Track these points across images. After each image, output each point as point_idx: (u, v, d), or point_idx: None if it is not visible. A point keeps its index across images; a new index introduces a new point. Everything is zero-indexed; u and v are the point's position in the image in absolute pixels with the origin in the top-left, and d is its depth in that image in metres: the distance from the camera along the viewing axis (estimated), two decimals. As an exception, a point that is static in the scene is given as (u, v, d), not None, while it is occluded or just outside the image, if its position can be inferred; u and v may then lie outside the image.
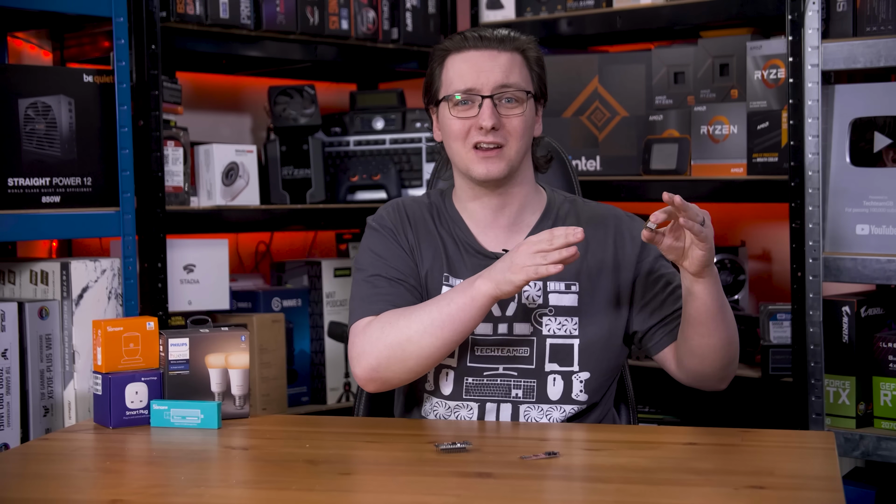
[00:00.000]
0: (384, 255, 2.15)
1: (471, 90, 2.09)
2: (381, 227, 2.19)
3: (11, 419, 2.45)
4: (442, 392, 2.13)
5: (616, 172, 3.24)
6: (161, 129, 2.79)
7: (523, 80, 2.12)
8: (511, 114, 2.10)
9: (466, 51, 2.12)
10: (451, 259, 2.16)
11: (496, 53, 2.11)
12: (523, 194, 2.17)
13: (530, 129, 2.14)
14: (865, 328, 2.71)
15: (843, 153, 2.73)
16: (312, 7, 3.15)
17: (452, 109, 2.11)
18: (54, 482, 1.77)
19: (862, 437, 2.67)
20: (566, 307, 2.12)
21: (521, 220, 2.17)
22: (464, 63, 2.12)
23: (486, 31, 2.13)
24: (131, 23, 2.71)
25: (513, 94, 2.10)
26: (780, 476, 1.71)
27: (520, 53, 2.13)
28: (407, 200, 2.24)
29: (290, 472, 1.78)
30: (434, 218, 2.19)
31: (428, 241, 2.17)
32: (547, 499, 1.66)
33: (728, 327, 2.05)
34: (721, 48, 3.07)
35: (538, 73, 2.16)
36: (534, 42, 2.17)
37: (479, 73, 2.10)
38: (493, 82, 2.09)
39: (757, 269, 3.37)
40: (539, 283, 2.12)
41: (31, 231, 2.57)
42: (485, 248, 2.16)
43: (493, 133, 2.08)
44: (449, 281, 2.15)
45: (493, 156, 2.09)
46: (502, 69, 2.10)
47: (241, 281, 3.32)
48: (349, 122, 3.34)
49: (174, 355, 2.13)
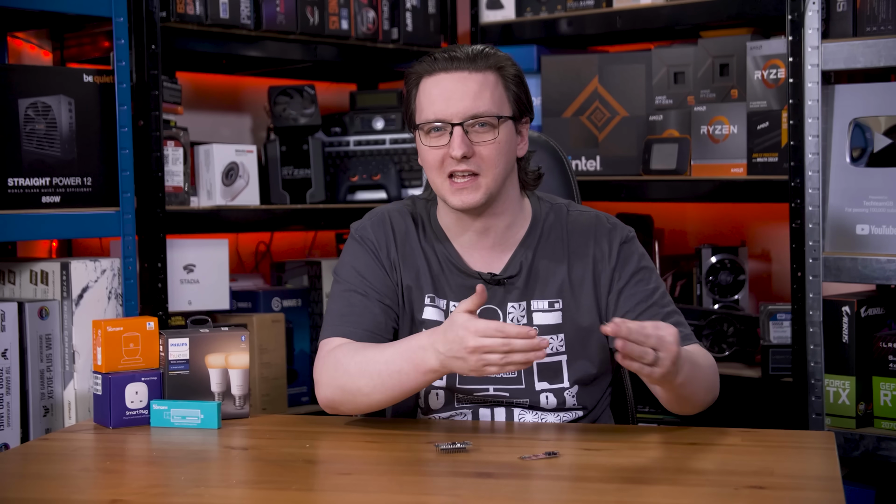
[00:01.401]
0: (362, 272, 2.11)
1: (441, 119, 2.01)
2: (363, 241, 2.14)
3: (11, 419, 2.45)
4: (432, 408, 2.13)
5: (616, 172, 3.24)
6: (161, 129, 2.79)
7: (496, 102, 2.03)
8: (483, 140, 2.01)
9: (437, 74, 2.03)
10: (436, 278, 2.12)
11: (466, 75, 2.02)
12: (507, 215, 2.10)
13: (508, 152, 2.05)
14: (865, 328, 2.71)
15: (843, 153, 2.73)
16: (312, 7, 3.15)
17: (425, 138, 2.04)
18: (54, 482, 1.77)
19: (862, 437, 2.67)
20: (551, 325, 2.09)
21: (506, 240, 2.11)
22: (434, 88, 2.03)
23: (457, 51, 2.04)
24: (131, 23, 2.71)
25: (485, 120, 2.01)
26: (780, 476, 1.71)
27: (494, 72, 2.04)
28: (393, 213, 2.17)
29: (290, 472, 1.78)
30: (419, 233, 2.14)
31: (412, 259, 2.12)
32: (547, 499, 1.66)
33: (694, 398, 1.99)
34: (721, 48, 3.07)
35: (515, 92, 2.06)
36: (510, 59, 2.08)
37: (448, 101, 2.01)
38: (464, 110, 2.00)
39: (757, 269, 3.37)
40: (523, 304, 2.09)
41: (31, 231, 2.56)
42: (470, 267, 2.11)
43: (466, 161, 2.01)
44: (435, 302, 2.10)
45: (468, 185, 2.02)
46: (472, 95, 2.01)
47: (241, 281, 3.32)
48: (349, 122, 3.34)
49: (174, 355, 2.13)
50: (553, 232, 2.13)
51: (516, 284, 2.10)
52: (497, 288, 2.10)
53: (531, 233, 2.13)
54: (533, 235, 2.12)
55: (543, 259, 2.11)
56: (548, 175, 2.38)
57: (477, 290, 1.87)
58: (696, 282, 3.26)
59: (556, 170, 2.42)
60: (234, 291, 3.12)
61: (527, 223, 2.14)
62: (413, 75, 2.07)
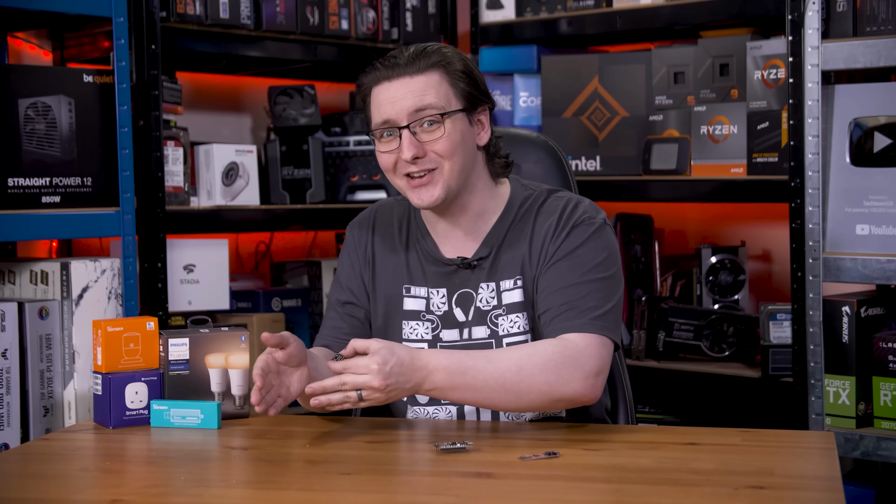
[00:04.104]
0: (340, 276, 2.23)
1: (388, 122, 2.05)
2: (348, 239, 2.24)
3: (11, 419, 2.45)
4: (418, 401, 2.14)
5: (616, 172, 3.24)
6: (161, 129, 2.79)
7: (442, 97, 2.04)
8: (433, 138, 2.04)
9: (381, 83, 2.07)
10: (412, 269, 2.17)
11: (408, 80, 2.04)
12: (477, 202, 2.12)
13: (463, 143, 2.06)
14: (865, 328, 2.71)
15: (843, 153, 2.73)
16: (312, 7, 3.15)
17: (378, 144, 2.08)
18: (54, 482, 1.77)
19: (862, 437, 2.67)
20: (516, 303, 2.11)
21: (478, 227, 2.14)
22: (380, 95, 2.06)
23: (399, 56, 2.07)
24: (131, 23, 2.71)
25: (430, 116, 2.04)
26: (780, 476, 1.71)
27: (437, 70, 2.05)
28: (385, 206, 2.24)
29: (290, 472, 1.78)
30: (404, 225, 2.20)
31: (390, 251, 2.19)
32: (547, 499, 1.66)
33: (504, 398, 1.97)
34: (721, 48, 3.07)
35: (463, 86, 2.07)
36: (453, 53, 2.09)
37: (392, 104, 2.04)
38: (407, 110, 2.03)
39: (757, 269, 3.37)
40: (492, 284, 2.12)
41: (31, 231, 2.57)
42: (443, 255, 2.15)
43: (419, 161, 2.05)
44: (410, 291, 2.15)
45: (425, 183, 2.05)
46: (414, 95, 2.03)
47: (241, 281, 3.31)
48: (349, 122, 3.34)
49: (174, 355, 2.13)
50: (526, 216, 2.14)
51: (485, 267, 2.13)
52: (469, 272, 2.13)
53: (504, 217, 2.14)
54: (505, 220, 2.14)
55: (511, 241, 2.13)
56: (548, 175, 2.38)
57: (263, 338, 1.95)
58: (696, 282, 3.26)
59: (555, 170, 2.42)
60: (234, 291, 3.12)
61: (501, 208, 2.15)
62: (363, 87, 2.12)
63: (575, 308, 2.01)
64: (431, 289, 2.14)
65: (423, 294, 2.15)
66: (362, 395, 1.87)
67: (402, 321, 2.15)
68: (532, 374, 1.95)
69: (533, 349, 1.99)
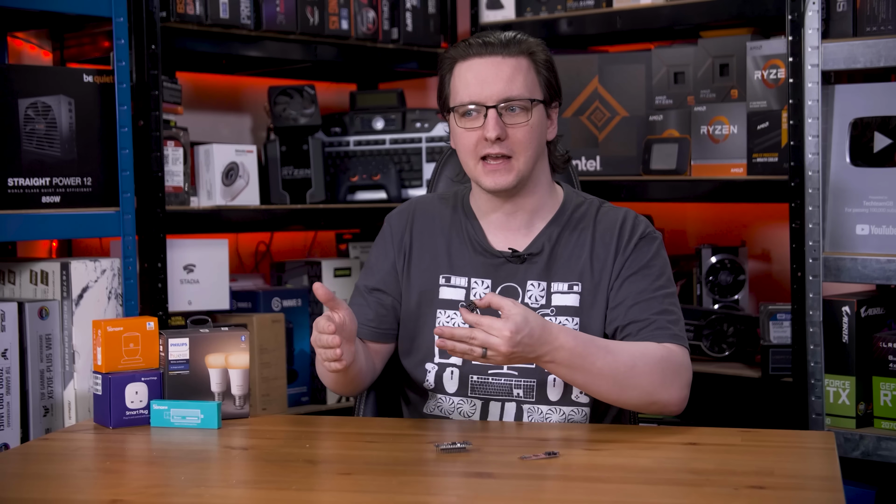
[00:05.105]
0: (372, 263, 2.25)
1: (475, 101, 2.08)
2: (385, 228, 2.26)
3: (11, 419, 2.45)
4: (446, 389, 2.14)
5: (616, 172, 3.24)
6: (161, 129, 2.79)
7: (528, 86, 2.10)
8: (516, 123, 2.08)
9: (471, 59, 2.10)
10: (454, 259, 2.18)
11: (500, 60, 2.09)
12: (536, 198, 2.17)
13: (539, 135, 2.13)
14: (865, 328, 2.71)
15: (843, 153, 2.73)
16: (312, 7, 3.15)
17: (459, 121, 2.11)
18: (54, 482, 1.77)
19: (862, 437, 2.67)
20: (568, 307, 2.13)
21: (533, 222, 2.18)
22: (468, 72, 2.10)
23: (490, 37, 2.11)
24: (131, 23, 2.71)
25: (518, 104, 2.08)
26: (780, 476, 1.71)
27: (526, 57, 2.11)
28: (427, 198, 2.29)
29: (290, 472, 1.78)
30: (450, 216, 2.22)
31: (430, 242, 2.20)
32: (547, 499, 1.66)
33: (618, 392, 2.01)
34: (721, 48, 3.07)
35: (546, 77, 2.13)
36: (541, 44, 2.14)
37: (482, 85, 2.08)
38: (497, 93, 2.07)
39: (757, 269, 3.37)
40: (543, 284, 2.13)
41: (31, 231, 2.56)
42: (493, 246, 2.17)
43: (500, 144, 2.08)
44: (450, 281, 2.16)
45: (500, 167, 2.09)
46: (506, 78, 2.08)
47: (241, 281, 3.32)
48: (349, 122, 3.34)
49: (174, 355, 2.13)
50: (582, 221, 2.18)
51: (537, 263, 2.15)
52: (518, 266, 2.15)
53: (559, 216, 2.18)
54: (560, 219, 2.18)
55: (568, 242, 2.16)
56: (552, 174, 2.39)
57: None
58: (696, 282, 3.26)
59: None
60: (234, 291, 3.12)
61: (556, 208, 2.19)
62: (447, 60, 2.15)
63: (657, 321, 2.08)
64: (475, 279, 2.16)
65: (464, 284, 2.16)
66: (487, 353, 1.89)
67: (437, 310, 2.16)
68: (642, 373, 2.00)
69: (645, 349, 2.04)
